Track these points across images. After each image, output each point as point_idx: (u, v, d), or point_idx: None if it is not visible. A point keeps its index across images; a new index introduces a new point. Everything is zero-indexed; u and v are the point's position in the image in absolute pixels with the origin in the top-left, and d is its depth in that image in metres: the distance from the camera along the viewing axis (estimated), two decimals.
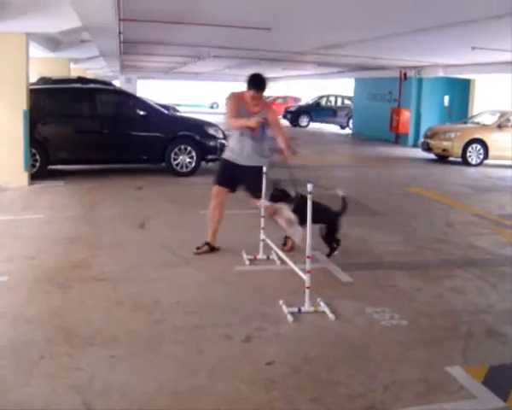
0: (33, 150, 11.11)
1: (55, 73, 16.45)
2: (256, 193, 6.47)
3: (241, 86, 6.89)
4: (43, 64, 17.26)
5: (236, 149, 6.55)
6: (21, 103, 10.50)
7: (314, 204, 5.14)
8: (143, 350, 4.24)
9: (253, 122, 6.16)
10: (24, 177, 10.69)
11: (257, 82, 6.36)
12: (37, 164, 11.34)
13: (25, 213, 8.52)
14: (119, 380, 3.78)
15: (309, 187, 5.01)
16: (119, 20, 11.46)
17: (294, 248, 6.58)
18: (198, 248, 6.69)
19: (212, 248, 6.74)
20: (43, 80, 13.92)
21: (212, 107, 56.21)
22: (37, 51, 14.97)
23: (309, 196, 5.03)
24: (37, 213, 8.49)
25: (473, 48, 13.69)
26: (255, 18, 11.53)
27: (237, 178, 6.58)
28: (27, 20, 9.97)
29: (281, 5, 10.00)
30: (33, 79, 13.36)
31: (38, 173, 11.23)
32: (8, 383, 3.73)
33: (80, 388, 3.67)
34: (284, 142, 6.30)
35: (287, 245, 6.79)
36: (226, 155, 6.75)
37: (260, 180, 6.36)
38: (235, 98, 6.53)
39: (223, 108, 52.87)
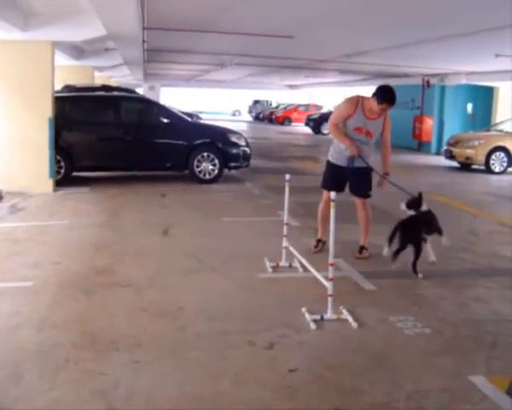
0: (58, 157, 11.23)
1: (79, 80, 16.62)
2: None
3: (263, 94, 6.88)
4: (68, 72, 17.43)
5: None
6: (47, 111, 10.63)
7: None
8: (167, 356, 4.27)
9: (351, 151, 6.36)
10: (49, 183, 10.80)
11: (392, 97, 6.28)
12: (62, 171, 11.46)
13: (50, 220, 8.61)
14: (143, 385, 3.81)
15: (332, 195, 5.05)
16: (143, 28, 11.61)
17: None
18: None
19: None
20: (68, 88, 14.05)
21: (234, 114, 56.41)
22: (61, 59, 15.16)
23: (332, 205, 5.05)
24: (62, 220, 8.57)
25: (496, 55, 13.66)
26: (278, 26, 11.60)
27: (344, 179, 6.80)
28: (53, 29, 10.15)
29: (303, 14, 10.05)
30: (58, 86, 13.51)
31: (63, 180, 11.35)
32: (34, 386, 3.77)
33: (105, 392, 3.71)
34: (387, 163, 6.76)
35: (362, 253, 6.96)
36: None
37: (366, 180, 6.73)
38: (351, 103, 6.49)
39: (245, 115, 53.34)
